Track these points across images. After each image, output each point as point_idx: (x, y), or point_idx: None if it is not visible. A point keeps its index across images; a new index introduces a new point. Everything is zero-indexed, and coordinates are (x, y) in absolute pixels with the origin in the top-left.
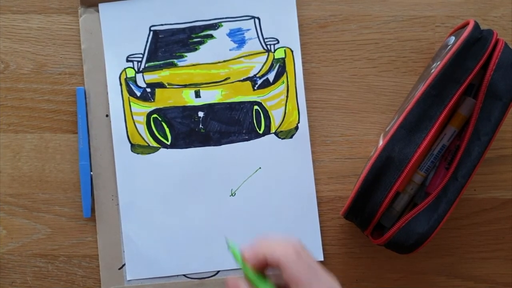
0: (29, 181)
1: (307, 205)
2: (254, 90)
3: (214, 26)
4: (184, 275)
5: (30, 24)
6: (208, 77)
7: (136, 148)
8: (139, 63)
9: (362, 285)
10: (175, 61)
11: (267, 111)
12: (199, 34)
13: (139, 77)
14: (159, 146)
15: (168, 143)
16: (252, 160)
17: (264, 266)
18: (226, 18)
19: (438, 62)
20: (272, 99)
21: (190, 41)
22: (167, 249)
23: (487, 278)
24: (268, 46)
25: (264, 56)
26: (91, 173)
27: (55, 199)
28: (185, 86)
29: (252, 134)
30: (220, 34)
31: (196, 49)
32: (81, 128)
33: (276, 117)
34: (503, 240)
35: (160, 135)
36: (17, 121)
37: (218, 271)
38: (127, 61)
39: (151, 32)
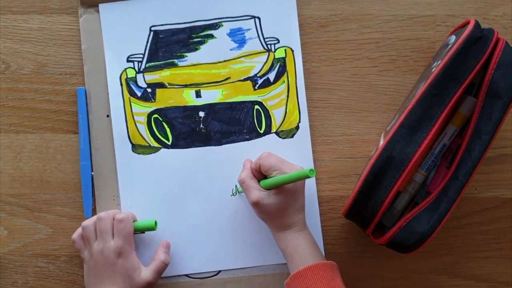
0: (30, 181)
1: (308, 204)
2: (254, 89)
3: (215, 26)
4: (185, 275)
5: (30, 25)
6: (208, 77)
7: (137, 148)
8: (140, 63)
9: (363, 284)
10: (176, 61)
11: (267, 111)
12: (200, 34)
13: (139, 77)
14: (160, 146)
15: (169, 143)
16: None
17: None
18: (226, 18)
19: (439, 61)
20: (273, 98)
21: (191, 41)
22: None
23: (488, 277)
24: (269, 46)
25: (265, 56)
26: (92, 173)
27: (56, 199)
28: (185, 86)
29: (253, 133)
30: (221, 34)
31: (196, 49)
32: (82, 128)
33: (276, 116)
34: (504, 239)
35: (161, 135)
36: (18, 121)
37: (219, 271)
38: (128, 61)
39: (152, 32)
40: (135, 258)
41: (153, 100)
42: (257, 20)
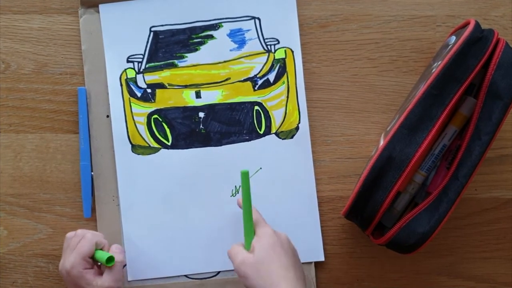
0: (30, 181)
1: (308, 205)
2: (254, 90)
3: (215, 27)
4: (185, 275)
5: (31, 25)
6: (208, 77)
7: (137, 148)
8: (140, 64)
9: (363, 285)
10: (176, 61)
11: (267, 112)
12: (200, 35)
13: (139, 77)
14: (160, 146)
15: (169, 143)
16: (253, 161)
17: None
18: (226, 18)
19: (439, 62)
20: (273, 99)
21: (191, 41)
22: (167, 249)
23: (488, 278)
24: (269, 47)
25: (265, 57)
26: (92, 173)
27: (56, 199)
28: (185, 86)
29: (252, 134)
30: (221, 34)
31: (196, 50)
32: (82, 129)
33: (276, 117)
34: (504, 240)
35: (161, 136)
36: (18, 121)
37: (219, 272)
38: (128, 61)
39: (152, 33)
40: (88, 275)
41: (153, 101)
42: (257, 20)
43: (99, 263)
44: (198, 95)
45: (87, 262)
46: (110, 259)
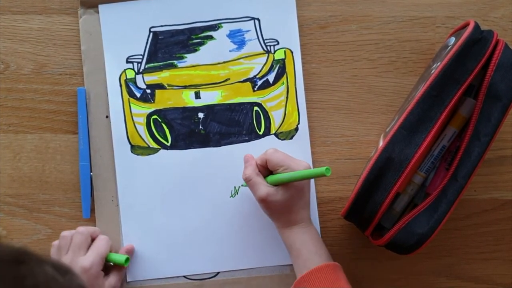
0: (29, 182)
1: None
2: (254, 91)
3: (214, 27)
4: (184, 276)
5: (30, 25)
6: (208, 78)
7: (136, 149)
8: (139, 64)
9: (362, 286)
10: (175, 62)
11: (267, 112)
12: (199, 35)
13: (139, 78)
14: (159, 147)
15: (168, 144)
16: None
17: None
18: (226, 19)
19: (438, 63)
20: (272, 100)
21: (190, 42)
22: (167, 250)
23: (487, 279)
24: (268, 47)
25: (264, 57)
26: (91, 174)
27: (55, 200)
28: (185, 87)
29: (252, 135)
30: (220, 35)
31: (196, 50)
32: (82, 129)
33: (276, 118)
34: (503, 241)
35: (160, 136)
36: (17, 121)
37: (218, 272)
38: (127, 62)
39: (151, 34)
40: (101, 275)
41: (152, 101)
42: (256, 21)
43: (111, 263)
44: (197, 96)
45: (103, 263)
46: (127, 259)
